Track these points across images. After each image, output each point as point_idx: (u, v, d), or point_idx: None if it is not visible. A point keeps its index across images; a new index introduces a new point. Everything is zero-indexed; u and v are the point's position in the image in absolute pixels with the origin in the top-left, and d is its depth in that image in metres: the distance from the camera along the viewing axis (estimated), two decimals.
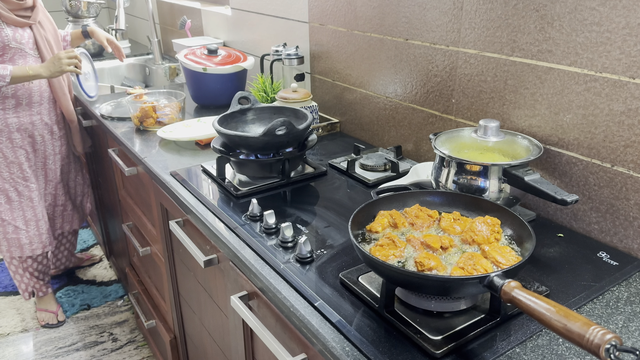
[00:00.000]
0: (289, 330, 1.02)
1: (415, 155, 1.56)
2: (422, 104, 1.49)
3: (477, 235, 0.93)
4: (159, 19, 3.26)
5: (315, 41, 1.87)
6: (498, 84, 1.26)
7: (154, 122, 1.89)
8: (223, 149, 1.44)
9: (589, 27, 1.04)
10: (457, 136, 1.24)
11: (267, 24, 2.16)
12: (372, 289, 0.95)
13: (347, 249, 1.11)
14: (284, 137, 1.34)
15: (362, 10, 1.61)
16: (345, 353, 0.82)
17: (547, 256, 1.07)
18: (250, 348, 1.26)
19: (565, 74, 1.11)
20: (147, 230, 1.92)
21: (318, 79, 1.92)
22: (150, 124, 1.89)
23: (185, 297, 1.71)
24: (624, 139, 1.04)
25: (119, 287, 2.81)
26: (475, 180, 1.12)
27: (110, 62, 3.10)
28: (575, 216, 1.17)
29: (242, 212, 1.27)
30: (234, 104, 1.55)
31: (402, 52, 1.50)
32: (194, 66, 2.07)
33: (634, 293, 0.95)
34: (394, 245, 0.91)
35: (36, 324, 2.55)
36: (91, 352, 2.36)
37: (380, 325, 0.88)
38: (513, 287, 0.74)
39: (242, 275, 1.15)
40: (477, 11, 1.26)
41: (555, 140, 1.17)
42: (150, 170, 1.57)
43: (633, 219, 1.06)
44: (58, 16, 4.12)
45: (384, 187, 1.13)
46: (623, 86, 1.01)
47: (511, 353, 0.82)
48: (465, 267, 0.85)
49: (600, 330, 0.63)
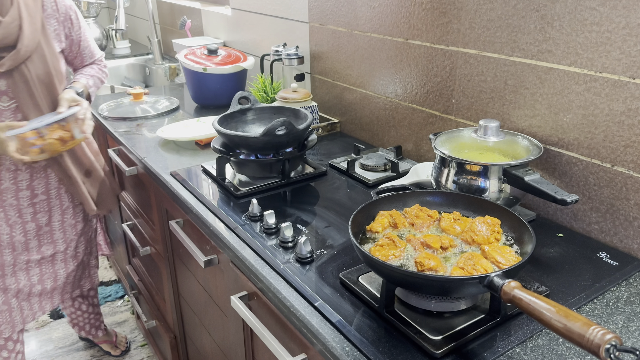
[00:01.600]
0: (289, 330, 1.02)
1: (415, 155, 1.56)
2: (422, 104, 1.49)
3: (477, 235, 0.93)
4: (159, 19, 3.26)
5: (315, 41, 1.87)
6: (498, 84, 1.26)
7: (38, 151, 1.55)
8: (223, 149, 1.44)
9: (589, 27, 1.04)
10: (457, 136, 1.24)
11: (267, 24, 2.16)
12: (372, 289, 0.95)
13: (347, 249, 1.11)
14: (284, 137, 1.34)
15: (362, 10, 1.61)
16: (345, 353, 0.82)
17: (547, 256, 1.07)
18: (250, 348, 1.26)
19: (565, 74, 1.11)
20: (147, 230, 1.92)
21: (318, 79, 1.92)
22: (35, 153, 1.55)
23: (185, 297, 1.71)
24: (624, 139, 1.04)
25: (119, 287, 2.81)
26: (475, 180, 1.12)
27: (110, 62, 3.10)
28: (575, 216, 1.17)
29: (242, 212, 1.27)
30: (234, 104, 1.55)
31: (402, 52, 1.50)
32: (194, 66, 2.07)
33: (634, 293, 0.95)
34: (394, 245, 0.91)
35: (36, 324, 2.55)
36: (91, 352, 2.36)
37: (380, 325, 0.88)
38: (513, 287, 0.74)
39: (242, 275, 1.15)
40: (477, 11, 1.26)
41: (555, 140, 1.17)
42: (150, 170, 1.57)
43: (633, 219, 1.06)
44: None
45: (384, 187, 1.13)
46: (623, 86, 1.01)
47: (511, 353, 0.82)
48: (465, 267, 0.85)
49: (600, 330, 0.63)
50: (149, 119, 2.02)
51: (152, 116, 2.04)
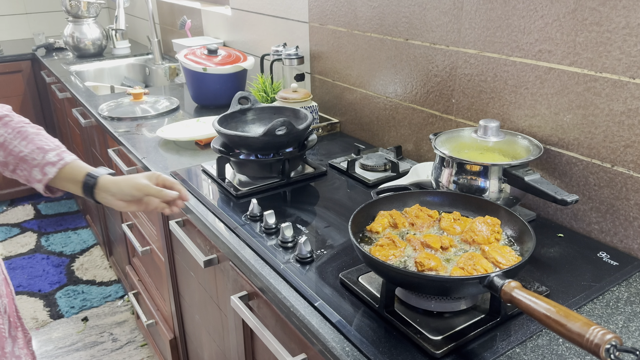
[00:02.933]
0: (289, 330, 1.02)
1: (415, 155, 1.56)
2: (422, 104, 1.49)
3: (477, 235, 0.93)
4: (159, 19, 3.26)
5: (315, 41, 1.87)
6: (498, 84, 1.26)
7: None
8: (223, 149, 1.44)
9: (589, 27, 1.04)
10: (457, 136, 1.24)
11: (267, 24, 2.16)
12: (372, 289, 0.95)
13: (347, 249, 1.11)
14: (284, 137, 1.34)
15: (362, 10, 1.61)
16: (345, 353, 0.82)
17: (547, 256, 1.07)
18: (250, 348, 1.26)
19: (565, 74, 1.11)
20: (147, 230, 1.92)
21: (318, 79, 1.92)
22: None
23: (185, 297, 1.71)
24: (624, 139, 1.04)
25: (119, 287, 2.81)
26: (475, 180, 1.12)
27: (110, 62, 3.11)
28: (576, 216, 1.17)
29: (242, 212, 1.27)
30: (234, 104, 1.55)
31: (402, 52, 1.50)
32: (194, 66, 2.07)
33: (634, 293, 0.95)
34: (394, 245, 0.91)
35: (36, 324, 2.55)
36: (91, 352, 2.36)
37: (380, 326, 0.88)
38: (513, 287, 0.74)
39: (242, 275, 1.15)
40: (477, 11, 1.26)
41: (555, 140, 1.17)
42: (150, 170, 1.57)
43: (633, 219, 1.06)
44: (58, 16, 4.14)
45: (384, 187, 1.13)
46: (623, 86, 1.01)
47: (511, 353, 0.81)
48: (465, 267, 0.85)
49: (601, 330, 0.63)
50: (149, 119, 2.02)
51: (152, 116, 2.04)
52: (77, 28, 3.16)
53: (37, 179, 1.05)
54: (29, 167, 1.05)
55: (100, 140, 2.29)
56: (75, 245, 3.22)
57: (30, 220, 3.54)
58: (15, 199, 3.75)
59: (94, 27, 3.20)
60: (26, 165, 1.05)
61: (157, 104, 2.13)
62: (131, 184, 1.06)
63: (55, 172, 1.05)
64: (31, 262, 3.05)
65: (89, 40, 3.18)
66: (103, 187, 1.05)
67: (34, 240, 3.29)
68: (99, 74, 3.06)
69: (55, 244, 3.24)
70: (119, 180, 1.06)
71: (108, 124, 1.97)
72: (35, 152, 1.05)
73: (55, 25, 4.13)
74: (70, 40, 3.17)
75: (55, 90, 2.98)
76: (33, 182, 1.06)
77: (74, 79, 2.72)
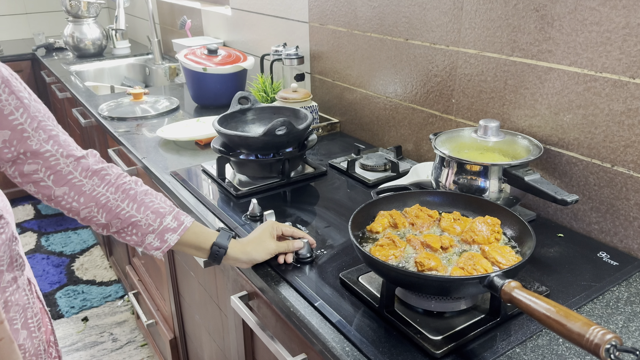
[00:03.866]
0: (289, 330, 1.02)
1: (415, 155, 1.56)
2: (422, 104, 1.49)
3: (477, 235, 0.93)
4: (159, 19, 3.26)
5: (315, 41, 1.87)
6: (498, 84, 1.26)
7: None
8: (223, 149, 1.44)
9: (589, 27, 1.04)
10: (457, 136, 1.24)
11: (267, 24, 2.16)
12: (372, 289, 0.95)
13: (347, 249, 1.11)
14: (284, 137, 1.34)
15: (362, 10, 1.61)
16: (346, 353, 0.82)
17: (547, 256, 1.07)
18: (250, 348, 1.26)
19: (565, 74, 1.11)
20: None
21: (318, 79, 1.92)
22: None
23: (185, 297, 1.71)
24: (624, 139, 1.04)
25: (119, 287, 2.81)
26: (475, 180, 1.12)
27: (110, 62, 3.11)
28: (575, 216, 1.17)
29: (242, 212, 1.27)
30: (234, 104, 1.55)
31: (402, 52, 1.50)
32: (194, 66, 2.07)
33: (634, 293, 0.95)
34: (394, 245, 0.91)
35: None
36: (91, 352, 2.36)
37: (380, 325, 0.88)
38: (513, 287, 0.74)
39: (242, 275, 1.15)
40: (477, 11, 1.26)
41: (555, 140, 1.17)
42: (150, 170, 1.57)
43: (633, 219, 1.06)
44: (58, 16, 4.14)
45: (384, 187, 1.13)
46: (623, 86, 1.01)
47: (511, 353, 0.82)
48: (465, 267, 0.85)
49: (601, 330, 0.63)
50: (149, 119, 2.02)
51: (152, 116, 2.04)
52: (77, 28, 3.16)
53: (154, 247, 0.96)
54: (141, 232, 0.95)
55: (101, 140, 2.29)
56: (75, 245, 3.22)
57: (30, 220, 3.54)
58: (15, 199, 3.75)
59: (94, 27, 3.20)
60: (137, 230, 0.95)
61: (157, 104, 2.13)
62: (262, 252, 1.02)
63: (176, 240, 0.97)
64: (31, 262, 3.05)
65: (89, 40, 3.18)
66: (232, 257, 1.01)
67: (34, 240, 3.29)
68: (99, 74, 3.06)
69: (55, 244, 3.24)
70: (249, 250, 1.02)
71: (108, 124, 1.97)
72: (150, 217, 0.95)
73: (55, 25, 4.13)
74: (70, 40, 3.17)
75: (55, 90, 2.98)
76: (149, 250, 0.97)
77: (74, 79, 2.72)
